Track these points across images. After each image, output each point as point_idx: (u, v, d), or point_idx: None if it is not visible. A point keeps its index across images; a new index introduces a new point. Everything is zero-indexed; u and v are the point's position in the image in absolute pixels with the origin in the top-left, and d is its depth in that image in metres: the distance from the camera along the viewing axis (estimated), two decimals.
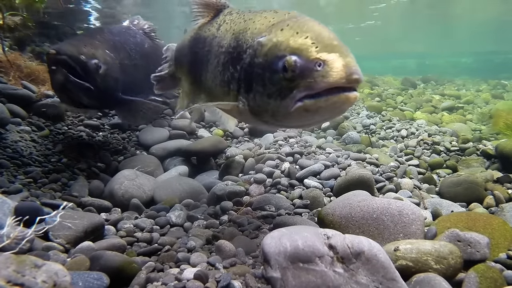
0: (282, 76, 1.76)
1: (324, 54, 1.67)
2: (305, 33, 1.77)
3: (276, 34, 1.85)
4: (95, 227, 2.28)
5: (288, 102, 1.77)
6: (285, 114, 1.84)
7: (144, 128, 4.76)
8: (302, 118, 1.85)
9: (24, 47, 5.97)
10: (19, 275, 1.33)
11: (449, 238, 2.10)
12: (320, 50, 1.69)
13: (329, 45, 1.71)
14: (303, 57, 1.70)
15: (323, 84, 1.66)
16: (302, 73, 1.70)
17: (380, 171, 3.69)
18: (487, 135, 5.59)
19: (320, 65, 1.66)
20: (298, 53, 1.72)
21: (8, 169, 3.10)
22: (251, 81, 1.96)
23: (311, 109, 1.74)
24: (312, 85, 1.68)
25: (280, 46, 1.80)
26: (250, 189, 3.35)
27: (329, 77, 1.64)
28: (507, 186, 3.44)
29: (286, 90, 1.77)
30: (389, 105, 7.41)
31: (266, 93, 1.87)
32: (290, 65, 1.72)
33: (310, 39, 1.73)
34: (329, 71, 1.64)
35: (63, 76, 3.13)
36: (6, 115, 3.44)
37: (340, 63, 1.64)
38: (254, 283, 1.77)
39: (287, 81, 1.75)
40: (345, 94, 1.67)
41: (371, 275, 1.64)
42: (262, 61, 1.87)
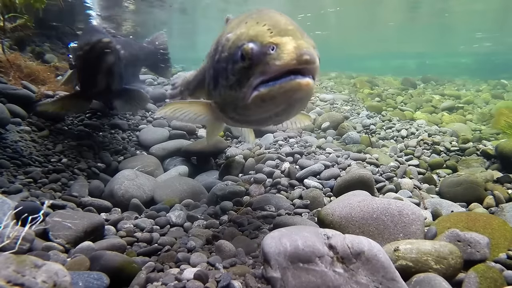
0: (241, 65, 1.77)
1: (277, 38, 1.68)
2: (264, 21, 1.79)
3: (240, 28, 1.88)
4: (95, 227, 2.28)
5: (245, 91, 1.78)
6: (244, 105, 1.83)
7: (144, 128, 4.77)
8: (260, 109, 1.83)
9: (24, 47, 5.97)
10: (19, 275, 1.33)
11: (449, 238, 2.10)
12: (274, 34, 1.69)
13: (283, 30, 1.71)
14: (258, 43, 1.71)
15: (275, 67, 1.64)
16: (257, 59, 1.70)
17: (380, 171, 3.69)
18: (487, 135, 5.59)
19: (273, 49, 1.66)
20: (254, 40, 1.73)
21: (8, 169, 3.10)
22: (217, 77, 1.99)
23: (266, 97, 1.72)
24: (266, 69, 1.68)
25: (241, 36, 1.82)
26: (250, 189, 3.35)
27: (280, 59, 1.63)
28: (507, 186, 3.44)
29: (244, 79, 1.77)
30: (389, 105, 7.42)
31: (228, 85, 1.89)
32: (247, 53, 1.72)
33: (266, 26, 1.75)
34: (280, 53, 1.64)
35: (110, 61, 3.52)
36: (6, 115, 3.44)
37: (292, 45, 1.63)
38: (254, 283, 1.77)
39: (245, 69, 1.76)
40: (296, 80, 1.63)
41: (371, 275, 1.64)
42: (226, 55, 1.90)
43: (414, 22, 19.30)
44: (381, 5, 15.64)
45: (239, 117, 2.03)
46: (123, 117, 4.91)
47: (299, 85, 1.64)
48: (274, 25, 1.75)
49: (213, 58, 2.13)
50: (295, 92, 1.67)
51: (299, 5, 14.56)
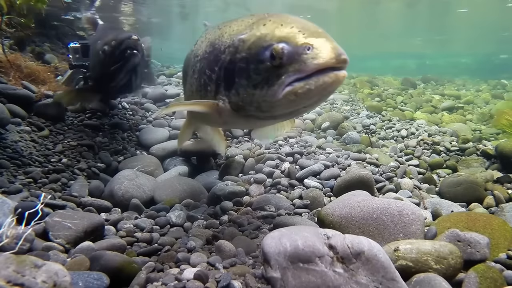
0: (269, 65, 1.83)
1: (312, 39, 1.76)
2: (290, 24, 1.85)
3: (259, 29, 1.93)
4: (95, 227, 2.28)
5: (276, 88, 1.83)
6: (273, 102, 1.88)
7: (144, 128, 4.77)
8: (291, 104, 1.88)
9: (24, 47, 5.97)
10: (19, 275, 1.33)
11: (449, 238, 2.10)
12: (307, 36, 1.77)
13: (316, 32, 1.80)
14: (291, 43, 1.78)
15: (314, 66, 1.73)
16: (291, 58, 1.77)
17: (380, 171, 3.69)
18: (487, 135, 5.59)
19: (309, 49, 1.74)
20: (285, 41, 1.79)
21: (8, 169, 3.10)
22: (232, 77, 2.01)
23: (301, 91, 1.78)
24: (302, 68, 1.75)
25: (265, 37, 1.87)
26: (250, 189, 3.35)
27: (320, 58, 1.71)
28: (507, 186, 3.45)
29: (274, 78, 1.83)
30: (389, 105, 7.42)
31: (251, 85, 1.92)
32: (278, 52, 1.78)
33: (296, 28, 1.82)
34: (319, 53, 1.72)
35: (138, 59, 3.71)
36: (6, 115, 3.44)
37: (329, 46, 1.73)
38: (254, 283, 1.77)
39: (275, 68, 1.81)
40: (335, 72, 1.73)
41: (371, 275, 1.64)
42: (245, 55, 1.94)
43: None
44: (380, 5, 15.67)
45: (262, 114, 2.05)
46: (123, 117, 4.91)
47: (337, 77, 1.74)
48: (303, 27, 1.83)
49: (213, 60, 2.17)
50: (332, 84, 1.77)
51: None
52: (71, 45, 5.67)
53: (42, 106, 4.00)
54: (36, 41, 6.53)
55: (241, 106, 2.05)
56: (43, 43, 6.71)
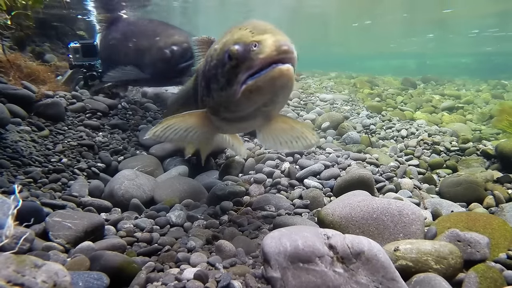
0: (229, 66, 1.99)
1: (259, 36, 1.90)
2: (246, 27, 2.02)
3: (227, 37, 2.12)
4: (95, 227, 2.28)
5: (235, 88, 1.97)
6: (235, 102, 2.03)
7: (144, 128, 4.77)
8: (249, 102, 2.01)
9: (24, 47, 5.98)
10: (19, 275, 1.33)
11: (449, 238, 2.10)
12: (255, 34, 1.92)
13: (263, 30, 1.94)
14: (241, 43, 1.93)
15: (259, 60, 1.85)
16: (243, 57, 1.92)
17: (380, 171, 3.69)
18: (487, 135, 5.59)
19: (255, 46, 1.87)
20: (238, 42, 1.95)
21: (8, 169, 3.10)
22: (209, 84, 2.21)
23: (254, 88, 1.90)
24: (251, 64, 1.89)
25: (226, 43, 2.05)
26: (250, 189, 3.35)
27: (263, 52, 1.84)
28: (507, 186, 3.44)
29: (233, 77, 1.98)
30: (389, 105, 7.41)
31: (219, 88, 2.10)
32: (233, 53, 1.94)
33: (248, 30, 1.98)
34: (262, 47, 1.85)
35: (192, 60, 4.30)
36: (6, 115, 3.44)
37: (271, 40, 1.85)
38: (254, 283, 1.77)
39: (233, 68, 1.97)
40: (278, 67, 1.82)
41: (371, 275, 1.64)
42: (215, 62, 2.13)
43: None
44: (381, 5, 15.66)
45: (231, 115, 2.20)
46: (123, 117, 4.91)
47: (280, 71, 1.83)
48: (254, 27, 1.98)
49: (204, 71, 2.34)
50: (278, 78, 1.86)
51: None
52: (71, 45, 5.68)
53: (42, 106, 4.00)
54: (36, 41, 6.53)
55: (216, 109, 2.24)
56: (43, 43, 6.71)
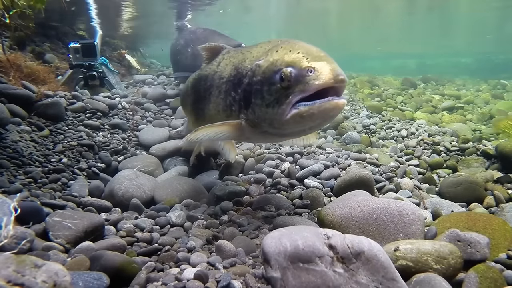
0: (280, 86, 2.07)
1: (314, 62, 2.00)
2: (297, 50, 2.11)
3: (272, 55, 2.20)
4: (95, 227, 2.28)
5: (284, 108, 2.06)
6: (282, 120, 2.11)
7: (144, 128, 4.77)
8: (297, 124, 2.12)
9: (24, 47, 5.98)
10: (19, 275, 1.33)
11: (449, 238, 2.10)
12: (310, 60, 2.02)
13: (317, 56, 2.04)
14: (296, 67, 2.02)
15: (315, 86, 1.95)
16: (297, 80, 2.01)
17: (380, 171, 3.69)
18: (487, 135, 5.58)
19: (311, 71, 1.97)
20: (292, 65, 2.04)
21: (8, 169, 3.10)
22: (249, 98, 2.28)
23: (305, 114, 2.01)
24: (305, 88, 1.98)
25: (276, 62, 2.13)
26: (250, 189, 3.35)
27: (319, 79, 1.94)
28: (507, 186, 3.44)
29: (283, 98, 2.07)
30: (389, 105, 7.41)
31: (264, 104, 2.17)
32: (286, 75, 2.03)
33: (301, 54, 2.07)
34: (319, 74, 1.95)
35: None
36: (6, 115, 3.44)
37: (328, 68, 1.96)
38: (254, 283, 1.77)
39: (284, 89, 2.06)
40: (335, 100, 1.95)
41: (371, 275, 1.64)
42: (260, 78, 2.20)
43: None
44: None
45: (274, 130, 2.30)
46: (123, 117, 4.91)
47: (337, 105, 1.97)
48: (307, 52, 2.07)
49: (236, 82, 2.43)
50: (332, 110, 2.00)
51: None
52: (71, 45, 5.69)
53: (42, 106, 4.00)
54: (36, 41, 6.53)
55: (256, 123, 2.31)
56: (43, 43, 6.71)
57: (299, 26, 21.18)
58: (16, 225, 1.87)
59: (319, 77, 1.94)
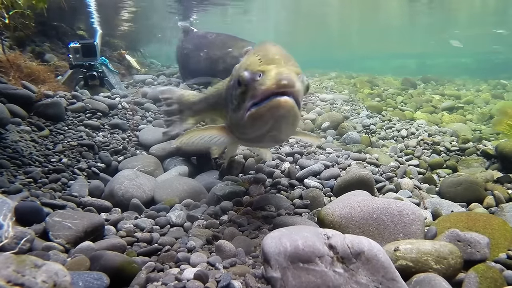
0: (239, 91, 2.07)
1: (264, 66, 1.95)
2: (259, 53, 2.06)
3: (244, 59, 2.19)
4: (95, 227, 2.28)
5: (242, 113, 2.05)
6: (243, 125, 2.10)
7: (144, 128, 4.77)
8: (254, 127, 2.09)
9: (24, 47, 5.98)
10: (19, 275, 1.33)
11: (449, 238, 2.10)
12: (262, 63, 1.97)
13: (270, 59, 1.98)
14: (249, 71, 1.99)
15: (260, 91, 1.91)
16: (249, 85, 1.99)
17: (380, 171, 3.69)
18: (487, 135, 5.58)
19: (260, 76, 1.93)
20: (248, 68, 2.02)
21: (8, 169, 3.10)
22: (227, 102, 2.30)
23: (256, 116, 1.97)
24: (255, 93, 1.95)
25: (241, 66, 2.12)
26: (250, 189, 3.35)
27: (264, 84, 1.89)
28: (507, 186, 3.44)
29: (241, 102, 2.06)
30: (389, 105, 7.41)
31: (232, 108, 2.19)
32: (243, 80, 2.01)
33: (258, 57, 2.02)
34: (265, 79, 1.90)
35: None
36: (6, 115, 3.44)
37: (273, 72, 1.89)
38: (254, 283, 1.77)
39: (242, 94, 2.05)
40: (276, 98, 1.87)
41: (371, 275, 1.64)
42: (232, 82, 2.20)
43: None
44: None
45: (242, 136, 2.30)
46: (123, 117, 4.91)
47: (278, 103, 1.88)
48: (264, 55, 2.02)
49: (228, 86, 2.45)
50: (277, 109, 1.90)
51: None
52: (71, 45, 5.69)
53: (42, 106, 4.00)
54: (36, 41, 6.53)
55: (231, 127, 2.33)
56: (43, 43, 6.71)
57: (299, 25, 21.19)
58: (16, 225, 1.88)
59: (263, 81, 1.89)
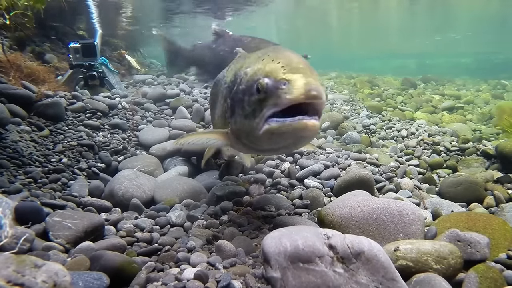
0: (257, 97, 1.95)
1: (289, 74, 1.85)
2: (278, 59, 1.97)
3: (258, 64, 2.09)
4: (95, 227, 2.28)
5: (258, 121, 1.95)
6: (256, 135, 2.00)
7: (144, 128, 4.77)
8: (270, 141, 2.01)
9: (24, 47, 5.98)
10: (19, 275, 1.33)
11: (449, 238, 2.10)
12: (286, 71, 1.87)
13: (295, 68, 1.89)
14: (272, 78, 1.89)
15: (286, 100, 1.81)
16: (271, 92, 1.87)
17: (380, 171, 3.69)
18: (487, 135, 5.59)
19: (285, 84, 1.83)
20: (269, 75, 1.91)
21: (8, 169, 3.10)
22: (234, 106, 2.21)
23: (276, 132, 1.89)
24: (277, 102, 1.84)
25: (257, 71, 2.02)
26: (250, 189, 3.35)
27: (291, 93, 1.80)
28: (507, 186, 3.44)
29: (258, 110, 1.95)
30: (389, 105, 7.42)
31: (244, 114, 2.07)
32: (262, 86, 1.90)
33: (280, 64, 1.93)
34: (291, 88, 1.80)
35: None
36: (6, 115, 3.44)
37: (301, 82, 1.80)
38: (254, 283, 1.77)
39: (260, 101, 1.93)
40: (304, 121, 1.81)
41: (371, 275, 1.64)
42: (244, 87, 2.10)
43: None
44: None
45: (251, 144, 2.22)
46: (123, 117, 4.91)
47: (306, 126, 1.82)
48: (287, 63, 1.93)
49: (231, 89, 2.32)
50: (301, 131, 1.85)
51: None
52: (71, 45, 5.69)
53: (42, 106, 4.00)
54: (36, 41, 6.53)
55: (237, 133, 2.22)
56: (43, 43, 6.71)
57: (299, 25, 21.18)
58: (16, 225, 1.88)
59: (290, 91, 1.80)
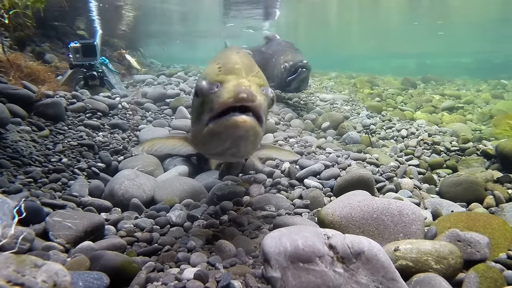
0: (198, 102, 1.88)
1: (222, 76, 1.75)
2: (219, 60, 1.88)
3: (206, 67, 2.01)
4: (95, 227, 2.28)
5: (201, 125, 1.86)
6: (202, 140, 1.94)
7: (144, 128, 4.77)
8: (213, 143, 1.90)
9: (24, 47, 5.97)
10: (19, 275, 1.33)
11: (449, 238, 2.10)
12: (220, 73, 1.77)
13: (230, 69, 1.78)
14: (207, 81, 1.80)
15: (217, 104, 1.72)
16: (206, 96, 1.80)
17: (380, 171, 3.69)
18: (487, 135, 5.58)
19: (217, 87, 1.75)
20: (205, 78, 1.83)
21: (8, 169, 3.10)
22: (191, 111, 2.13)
23: (213, 132, 1.80)
24: (212, 106, 1.76)
25: (201, 75, 1.93)
26: (250, 189, 3.35)
27: (221, 96, 1.71)
28: (507, 186, 3.44)
29: (200, 114, 1.87)
30: (389, 105, 7.42)
31: (193, 120, 2.02)
32: (200, 90, 1.82)
33: (218, 65, 1.83)
34: (222, 91, 1.71)
35: (306, 73, 5.99)
36: (6, 115, 3.44)
37: (232, 84, 1.70)
38: (254, 283, 1.77)
39: (200, 105, 1.86)
40: (233, 117, 1.69)
41: (371, 275, 1.64)
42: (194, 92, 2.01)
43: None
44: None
45: (201, 148, 2.13)
46: (123, 117, 4.91)
47: (235, 122, 1.70)
48: (224, 64, 1.82)
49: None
50: (234, 128, 1.72)
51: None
52: (72, 45, 5.69)
53: (42, 106, 4.00)
54: (36, 41, 6.53)
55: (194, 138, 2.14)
56: (43, 43, 6.71)
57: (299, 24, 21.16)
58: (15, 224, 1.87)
59: (221, 94, 1.70)
